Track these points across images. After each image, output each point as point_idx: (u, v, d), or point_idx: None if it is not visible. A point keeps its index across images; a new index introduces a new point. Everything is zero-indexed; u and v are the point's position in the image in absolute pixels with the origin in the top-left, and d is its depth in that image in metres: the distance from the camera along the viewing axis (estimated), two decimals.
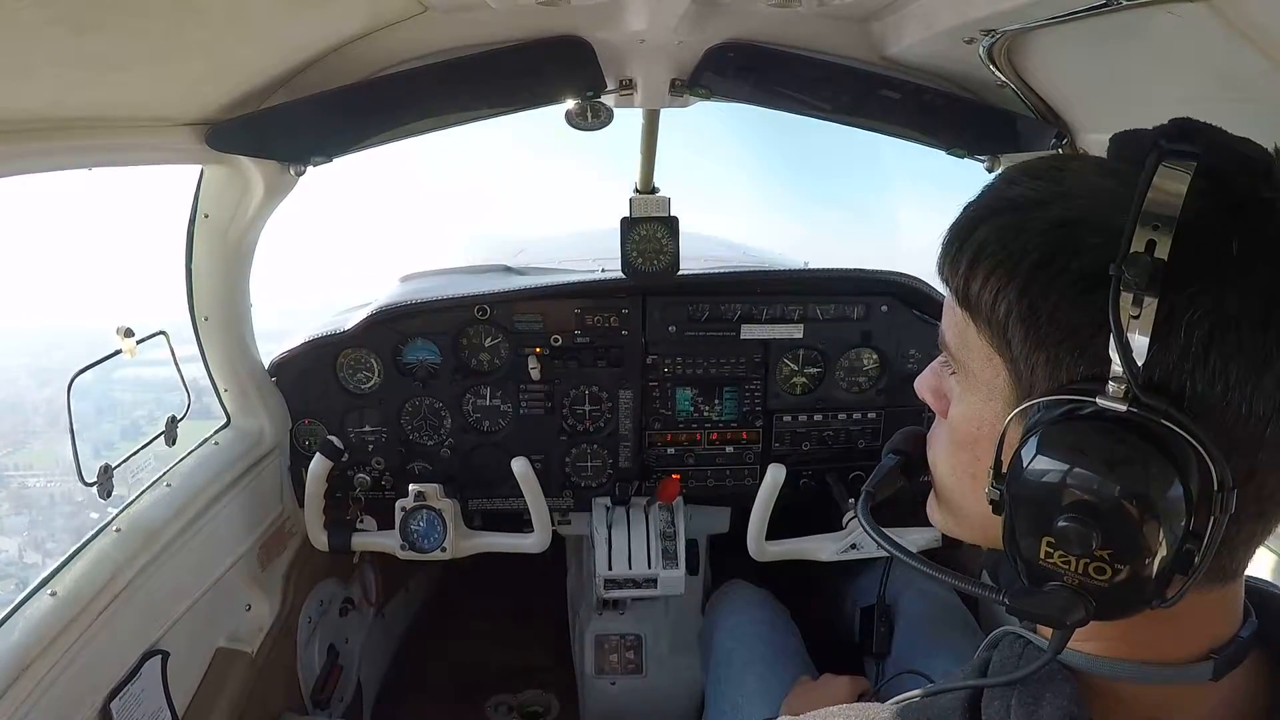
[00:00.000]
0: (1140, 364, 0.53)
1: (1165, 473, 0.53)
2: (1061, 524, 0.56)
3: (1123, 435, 0.54)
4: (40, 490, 7.69)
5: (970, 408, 0.66)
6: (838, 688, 1.71)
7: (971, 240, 0.61)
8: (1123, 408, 0.54)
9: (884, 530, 0.79)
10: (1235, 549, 0.59)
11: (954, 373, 0.68)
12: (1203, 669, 0.61)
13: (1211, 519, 0.54)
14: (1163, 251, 0.52)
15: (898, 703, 0.71)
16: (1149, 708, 0.63)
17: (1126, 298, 0.52)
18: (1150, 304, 0.52)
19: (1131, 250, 0.52)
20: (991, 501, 0.62)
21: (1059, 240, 0.57)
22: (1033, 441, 0.57)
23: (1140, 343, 0.52)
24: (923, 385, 0.75)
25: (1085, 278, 0.55)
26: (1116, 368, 0.53)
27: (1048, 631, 0.65)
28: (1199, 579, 0.56)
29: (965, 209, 0.64)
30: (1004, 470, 0.60)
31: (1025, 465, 0.57)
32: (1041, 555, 0.58)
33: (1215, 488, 0.53)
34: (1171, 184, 0.53)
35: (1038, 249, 0.57)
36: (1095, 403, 0.55)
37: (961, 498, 0.70)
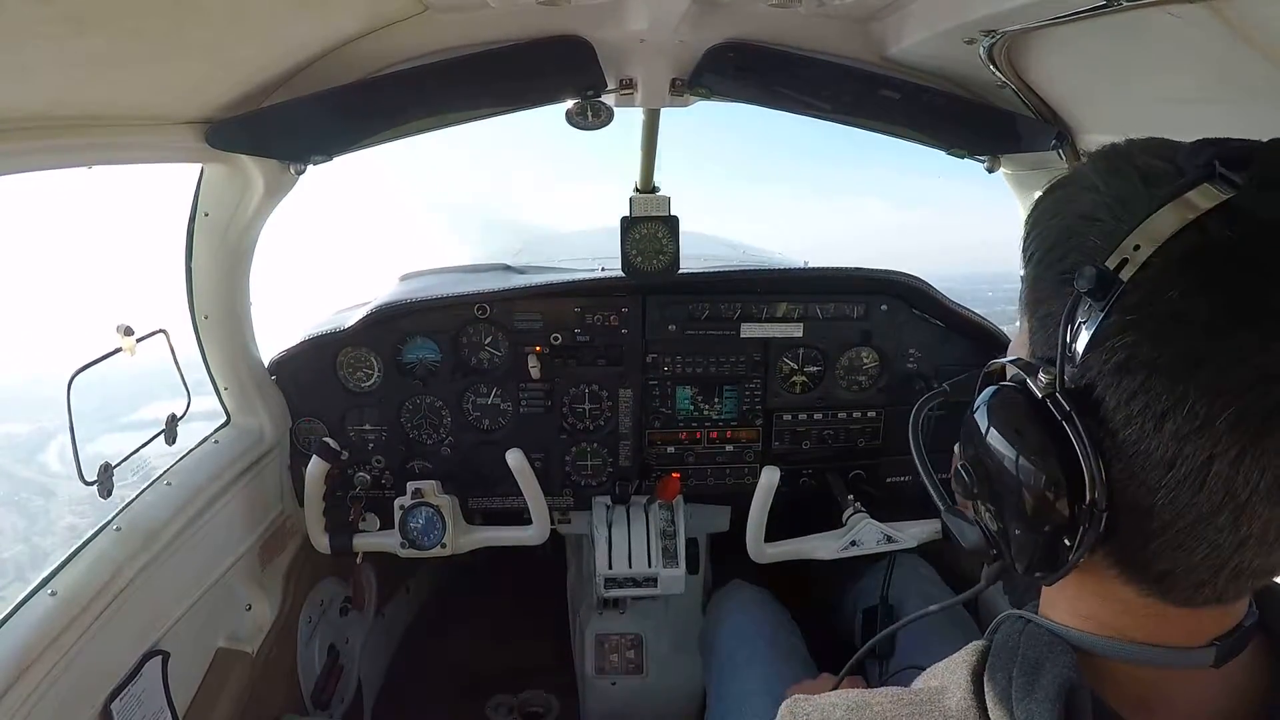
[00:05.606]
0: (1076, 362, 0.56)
1: (1049, 462, 0.57)
2: (957, 466, 0.67)
3: (1031, 415, 0.59)
4: None
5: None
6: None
7: (1036, 209, 0.65)
8: (1039, 394, 0.58)
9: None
10: (1200, 576, 0.57)
11: None
12: (1204, 655, 0.61)
13: (1081, 529, 0.57)
14: (1131, 271, 0.53)
15: (900, 687, 0.73)
16: (1147, 687, 0.64)
17: (1088, 301, 0.54)
18: (1096, 314, 0.54)
19: (1108, 260, 0.54)
20: None
21: (1073, 231, 0.60)
22: (986, 392, 0.65)
23: (1084, 344, 0.55)
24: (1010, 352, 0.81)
25: (1066, 271, 0.58)
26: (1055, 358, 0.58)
27: (1050, 613, 0.69)
28: (1163, 589, 0.59)
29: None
30: None
31: (974, 409, 0.65)
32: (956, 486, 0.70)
33: (1086, 502, 0.56)
34: (1179, 212, 0.53)
35: (1056, 234, 0.61)
36: (1025, 380, 0.60)
37: None
